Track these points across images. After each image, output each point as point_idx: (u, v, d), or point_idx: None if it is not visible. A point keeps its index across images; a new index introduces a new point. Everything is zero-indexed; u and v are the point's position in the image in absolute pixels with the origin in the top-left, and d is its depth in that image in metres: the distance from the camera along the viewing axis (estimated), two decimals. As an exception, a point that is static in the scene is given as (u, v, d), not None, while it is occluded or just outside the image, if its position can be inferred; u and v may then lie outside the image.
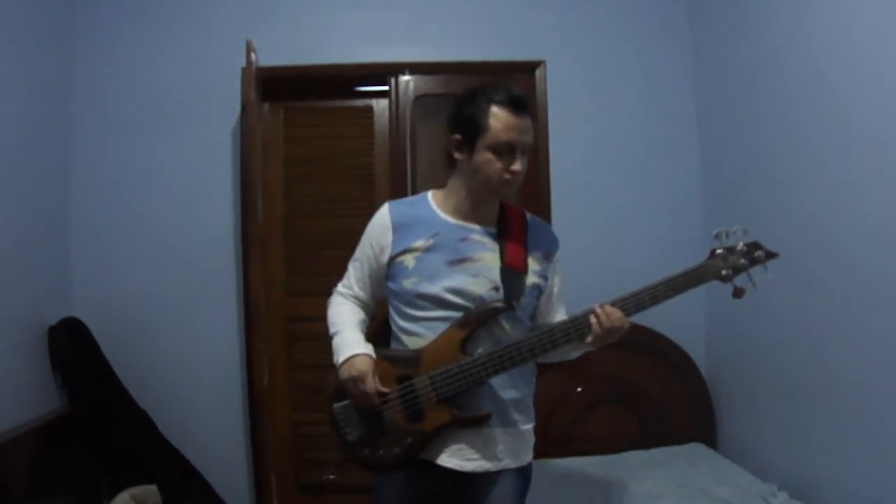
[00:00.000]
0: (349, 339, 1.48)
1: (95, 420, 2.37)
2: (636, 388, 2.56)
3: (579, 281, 1.64)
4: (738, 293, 1.43)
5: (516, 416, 1.49)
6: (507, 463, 1.48)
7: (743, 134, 2.41)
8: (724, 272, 1.44)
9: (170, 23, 2.71)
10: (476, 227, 1.49)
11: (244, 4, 2.73)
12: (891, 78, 1.65)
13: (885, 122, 1.68)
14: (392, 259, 1.48)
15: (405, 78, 2.74)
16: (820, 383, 1.97)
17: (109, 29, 2.68)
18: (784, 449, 2.16)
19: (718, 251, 1.46)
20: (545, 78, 2.76)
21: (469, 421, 1.43)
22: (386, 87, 2.76)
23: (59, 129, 2.59)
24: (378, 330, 1.58)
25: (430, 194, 1.57)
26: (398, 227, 1.49)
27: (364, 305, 1.59)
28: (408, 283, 1.45)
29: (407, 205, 1.56)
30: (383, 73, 2.74)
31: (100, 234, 2.64)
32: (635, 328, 2.54)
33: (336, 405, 1.48)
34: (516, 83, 2.75)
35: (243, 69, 2.48)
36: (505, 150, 1.42)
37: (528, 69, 2.77)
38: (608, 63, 2.79)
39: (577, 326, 1.41)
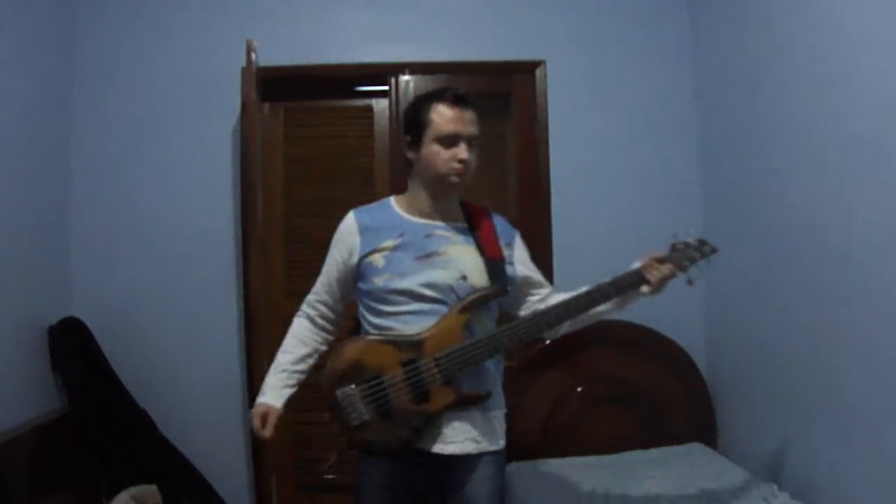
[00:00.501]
0: (269, 384, 1.62)
1: (95, 420, 2.37)
2: (636, 388, 2.56)
3: (579, 280, 1.65)
4: (691, 281, 1.62)
5: (492, 402, 1.57)
6: (486, 446, 1.54)
7: (743, 134, 2.41)
8: (684, 262, 1.60)
9: (170, 23, 2.71)
10: (440, 223, 1.59)
11: (244, 4, 2.73)
12: (890, 78, 1.65)
13: (884, 123, 1.68)
14: (361, 260, 1.56)
15: (405, 78, 2.74)
16: (820, 383, 1.97)
17: (110, 29, 2.69)
18: (784, 449, 2.16)
19: (678, 245, 1.63)
20: (545, 78, 2.77)
21: (473, 398, 1.50)
22: (386, 87, 2.76)
23: (59, 128, 2.59)
24: (352, 328, 1.64)
25: (392, 199, 1.66)
26: (365, 231, 1.58)
27: (326, 317, 1.67)
28: (379, 281, 1.52)
29: (371, 210, 1.64)
30: (383, 73, 2.75)
31: (100, 235, 2.64)
32: (635, 328, 2.59)
33: (339, 390, 1.50)
34: (514, 83, 2.80)
35: (243, 69, 2.48)
36: (449, 141, 1.52)
37: (528, 69, 2.78)
38: (608, 63, 2.79)
39: (573, 303, 1.55)
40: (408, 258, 1.52)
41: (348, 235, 1.59)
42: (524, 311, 1.65)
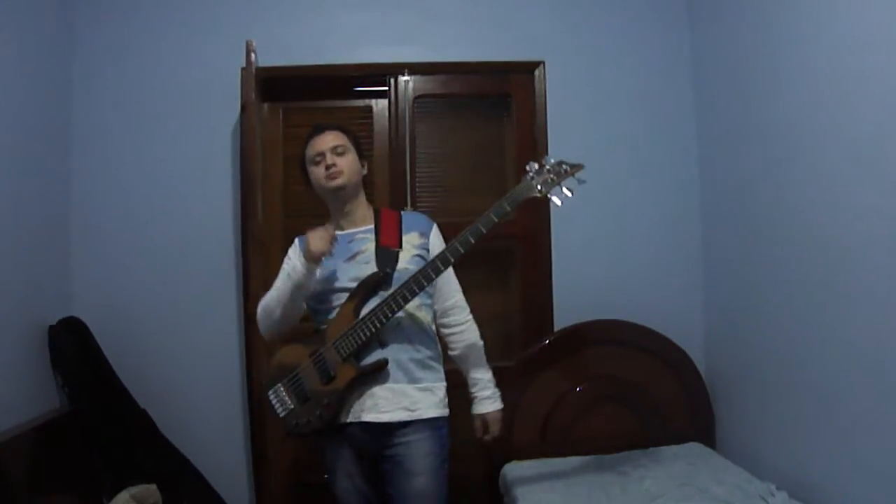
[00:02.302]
0: (289, 267, 1.77)
1: (96, 420, 2.37)
2: (635, 387, 2.56)
3: (579, 278, 1.65)
4: (556, 202, 1.67)
5: (421, 374, 1.74)
6: (420, 413, 1.72)
7: (742, 134, 2.42)
8: (538, 187, 1.67)
9: (170, 23, 2.71)
10: (356, 229, 1.84)
11: (244, 4, 2.73)
12: (889, 78, 1.66)
13: (883, 123, 1.68)
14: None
15: (405, 78, 2.74)
16: (818, 383, 1.97)
17: (109, 29, 2.69)
18: (783, 448, 2.17)
19: (529, 174, 1.69)
20: (545, 78, 2.77)
21: (371, 369, 1.69)
22: (386, 88, 2.76)
23: (59, 128, 2.59)
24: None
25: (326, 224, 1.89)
26: (304, 245, 1.77)
27: None
28: (318, 286, 1.77)
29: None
30: (383, 73, 2.75)
31: (100, 234, 2.64)
32: (635, 328, 2.59)
33: (269, 392, 1.77)
34: (514, 83, 2.80)
35: (243, 69, 2.48)
36: (318, 159, 1.80)
37: (528, 69, 2.78)
38: (608, 63, 2.79)
39: (430, 267, 1.68)
40: (338, 262, 1.77)
41: (295, 251, 1.84)
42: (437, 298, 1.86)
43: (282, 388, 1.76)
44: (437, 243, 1.87)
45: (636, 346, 2.59)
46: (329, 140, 1.81)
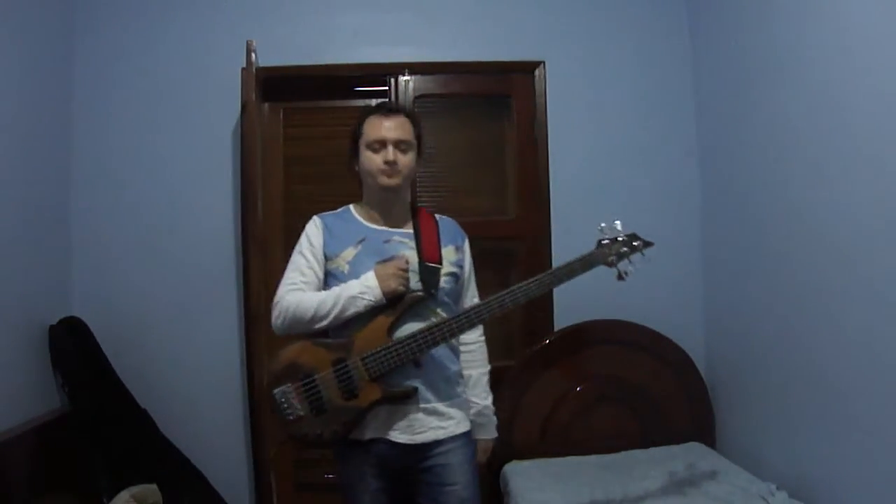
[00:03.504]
0: (353, 281, 1.61)
1: (96, 419, 2.37)
2: (636, 387, 2.56)
3: (579, 278, 1.66)
4: (621, 276, 1.66)
5: (451, 390, 1.68)
6: (453, 430, 1.66)
7: (742, 134, 2.42)
8: (610, 258, 1.66)
9: (170, 23, 2.71)
10: (394, 230, 1.71)
11: (244, 4, 2.73)
12: (889, 77, 1.66)
13: (882, 123, 1.68)
14: (327, 261, 1.67)
15: (405, 78, 2.74)
16: (818, 383, 1.97)
17: (110, 29, 2.69)
18: (783, 448, 2.17)
19: (604, 241, 1.67)
20: (545, 78, 2.77)
21: (399, 395, 1.59)
22: (386, 88, 2.76)
23: (59, 128, 2.59)
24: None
25: (351, 206, 1.78)
26: (329, 232, 1.70)
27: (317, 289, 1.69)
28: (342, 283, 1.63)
29: (333, 216, 1.76)
30: (383, 73, 2.75)
31: (100, 234, 2.64)
32: (635, 328, 2.59)
33: (276, 389, 1.61)
34: (514, 83, 2.80)
35: (243, 69, 2.48)
36: (377, 146, 1.66)
37: (528, 69, 2.78)
38: (608, 63, 2.79)
39: (485, 308, 1.61)
40: (370, 262, 1.63)
41: (316, 233, 1.70)
42: None
43: (291, 390, 1.60)
44: (468, 260, 1.79)
45: (636, 346, 2.59)
46: (395, 130, 1.66)
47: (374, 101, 2.82)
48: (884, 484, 1.69)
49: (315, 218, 1.75)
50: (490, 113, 2.92)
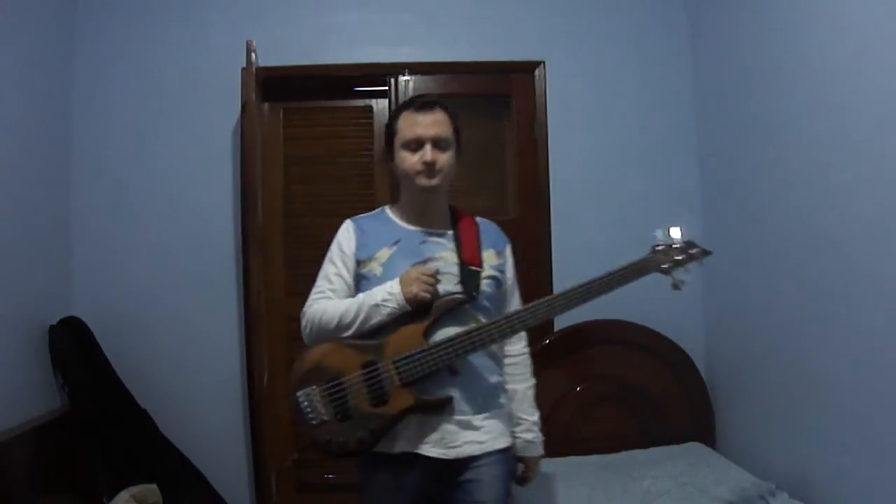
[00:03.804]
0: (377, 288, 1.52)
1: (96, 419, 2.37)
2: (636, 387, 2.56)
3: (579, 278, 1.65)
4: (676, 285, 1.58)
5: (489, 403, 1.57)
6: (489, 446, 1.54)
7: (742, 133, 2.42)
8: (664, 265, 1.57)
9: (170, 23, 2.71)
10: (431, 230, 1.62)
11: (244, 4, 2.73)
12: (888, 76, 1.66)
13: (882, 121, 1.68)
14: (359, 265, 1.59)
15: (405, 78, 2.74)
16: (818, 383, 1.97)
17: (110, 29, 2.69)
18: (783, 448, 2.17)
19: (659, 247, 1.59)
20: (545, 78, 2.77)
21: (432, 404, 1.48)
22: (386, 87, 2.76)
23: (59, 128, 2.59)
24: None
25: (387, 208, 1.71)
26: (362, 235, 1.62)
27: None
28: (377, 285, 1.54)
29: (368, 218, 1.69)
30: (383, 73, 2.75)
31: (100, 234, 2.64)
32: (635, 328, 2.59)
33: (299, 392, 1.50)
34: (514, 83, 2.80)
35: (243, 69, 2.48)
36: (414, 145, 1.56)
37: (528, 69, 2.78)
38: (608, 63, 2.79)
39: (530, 313, 1.51)
40: (405, 264, 1.54)
41: (348, 239, 1.62)
42: None
43: (317, 393, 1.49)
44: (510, 264, 1.70)
45: (636, 346, 2.59)
46: (433, 127, 1.57)
47: (373, 102, 2.84)
48: (884, 484, 1.69)
49: (347, 222, 1.66)
50: (490, 113, 2.92)
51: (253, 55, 2.41)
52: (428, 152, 1.55)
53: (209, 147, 2.70)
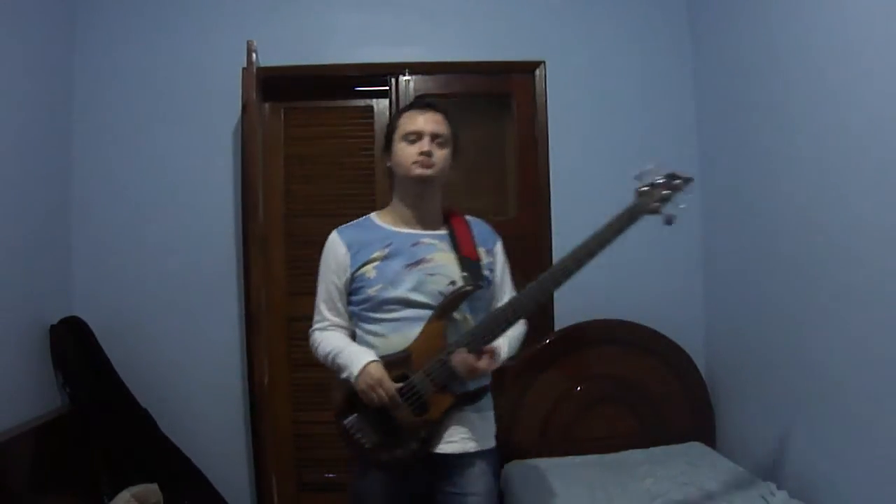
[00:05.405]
0: (355, 352, 1.57)
1: (96, 419, 2.37)
2: (636, 387, 2.56)
3: (579, 278, 1.66)
4: (669, 221, 1.56)
5: (481, 400, 1.62)
6: (482, 444, 1.60)
7: (742, 133, 2.42)
8: (653, 205, 1.56)
9: (170, 23, 2.71)
10: (423, 231, 1.64)
11: (244, 4, 2.73)
12: (889, 75, 1.66)
13: (883, 121, 1.68)
14: (353, 275, 1.61)
15: (405, 78, 2.74)
16: (819, 382, 1.97)
17: (110, 29, 2.69)
18: (783, 447, 2.17)
19: (643, 189, 1.58)
20: (545, 78, 2.77)
21: (470, 395, 1.56)
22: (386, 87, 2.76)
23: (60, 128, 2.59)
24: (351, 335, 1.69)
25: (373, 215, 1.72)
26: (352, 246, 1.63)
27: (345, 330, 1.67)
28: (373, 291, 1.57)
29: (354, 227, 1.70)
30: (383, 73, 2.75)
31: (101, 234, 2.64)
32: (635, 328, 2.59)
33: (347, 420, 1.57)
34: (514, 83, 2.80)
35: (244, 69, 2.48)
36: (413, 136, 1.61)
37: (528, 69, 2.78)
38: (608, 63, 2.79)
39: (525, 299, 1.57)
40: (398, 267, 1.57)
41: (337, 255, 1.63)
42: None
43: (362, 418, 1.56)
44: (501, 260, 1.72)
45: (636, 345, 2.59)
46: (432, 123, 1.62)
47: (374, 102, 2.84)
48: (884, 484, 1.69)
49: (334, 235, 1.67)
50: (490, 113, 2.92)
51: (254, 55, 2.41)
52: (426, 143, 1.60)
53: (210, 147, 2.70)
